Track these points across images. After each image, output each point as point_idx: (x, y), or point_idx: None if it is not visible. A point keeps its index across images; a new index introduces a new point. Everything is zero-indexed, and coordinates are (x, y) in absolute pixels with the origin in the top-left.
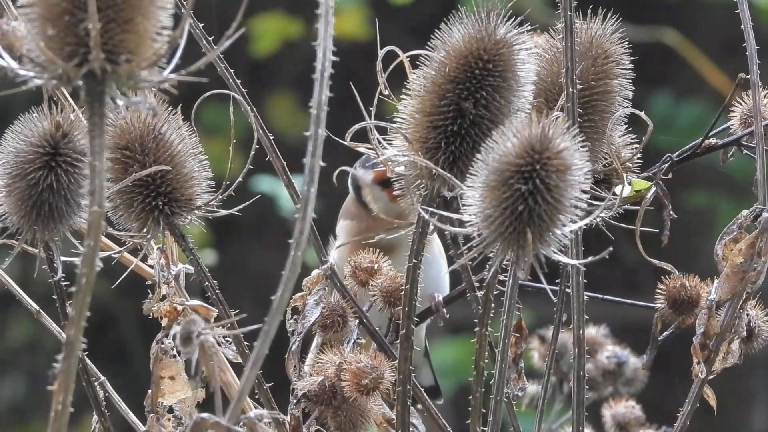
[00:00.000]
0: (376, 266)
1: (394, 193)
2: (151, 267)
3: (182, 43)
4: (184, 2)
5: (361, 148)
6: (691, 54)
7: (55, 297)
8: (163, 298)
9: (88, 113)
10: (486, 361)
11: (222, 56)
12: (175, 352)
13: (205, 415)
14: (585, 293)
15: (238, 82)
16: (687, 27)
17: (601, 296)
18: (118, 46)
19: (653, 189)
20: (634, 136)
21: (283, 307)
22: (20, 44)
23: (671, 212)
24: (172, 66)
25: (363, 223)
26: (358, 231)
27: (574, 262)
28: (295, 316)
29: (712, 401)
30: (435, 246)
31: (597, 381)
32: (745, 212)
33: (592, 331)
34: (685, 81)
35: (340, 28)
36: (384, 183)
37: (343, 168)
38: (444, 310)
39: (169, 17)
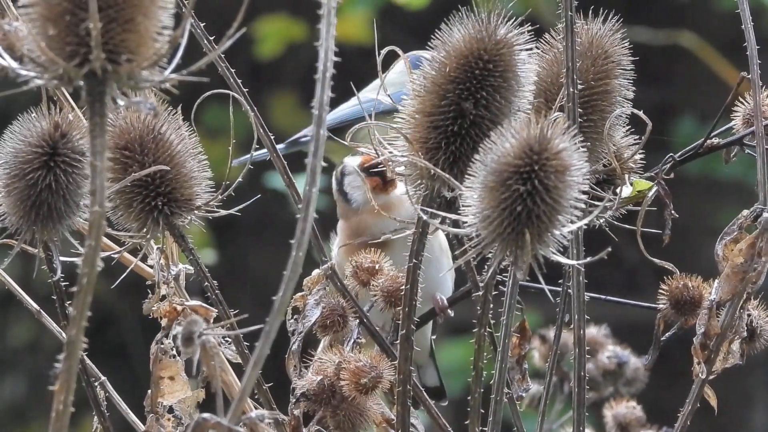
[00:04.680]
0: (377, 266)
1: (379, 182)
2: (151, 267)
3: (183, 42)
4: (185, 2)
5: (362, 148)
6: (708, 55)
7: (55, 297)
8: (163, 298)
9: (89, 113)
10: (485, 361)
11: (224, 57)
12: (174, 352)
13: (206, 415)
14: (587, 294)
15: (240, 82)
16: (696, 27)
17: (603, 297)
18: (119, 45)
19: (654, 189)
20: (636, 137)
21: (285, 308)
22: (21, 44)
23: (673, 212)
24: (173, 66)
25: (350, 220)
26: (348, 231)
27: (573, 262)
28: (295, 316)
29: (713, 401)
30: (436, 244)
31: (598, 381)
32: (745, 212)
33: (593, 331)
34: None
35: (344, 31)
36: (368, 170)
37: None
38: (449, 310)
39: (170, 17)
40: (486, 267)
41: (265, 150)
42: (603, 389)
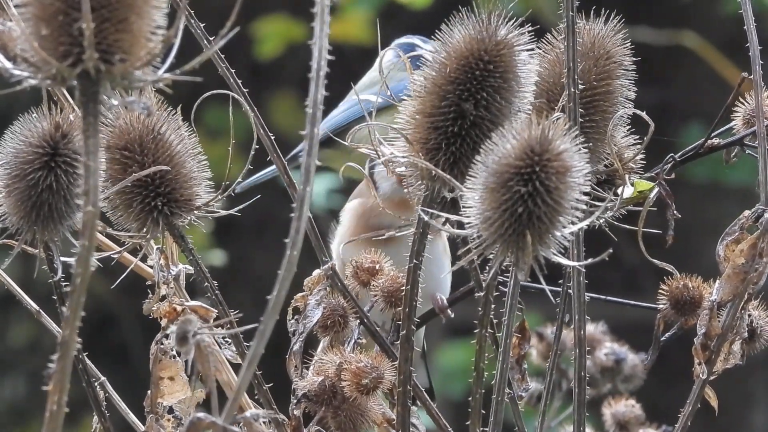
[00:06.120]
0: (377, 266)
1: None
2: (151, 267)
3: (177, 42)
4: (180, 1)
5: (362, 149)
6: (710, 55)
7: (55, 297)
8: (163, 298)
9: (82, 113)
10: (486, 362)
11: (224, 57)
12: (174, 352)
13: (201, 414)
14: (587, 294)
15: (240, 82)
16: (699, 27)
17: (603, 297)
18: (113, 45)
19: (656, 189)
20: (637, 137)
21: (279, 306)
22: (14, 44)
23: (675, 212)
24: (166, 65)
25: (369, 201)
26: (362, 210)
27: (574, 263)
28: (296, 317)
29: (714, 402)
30: (440, 245)
31: (595, 378)
32: (747, 213)
33: (590, 328)
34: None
35: (345, 31)
36: None
37: (350, 164)
38: (449, 310)
39: (163, 17)
40: (487, 268)
41: (269, 169)
42: (601, 386)
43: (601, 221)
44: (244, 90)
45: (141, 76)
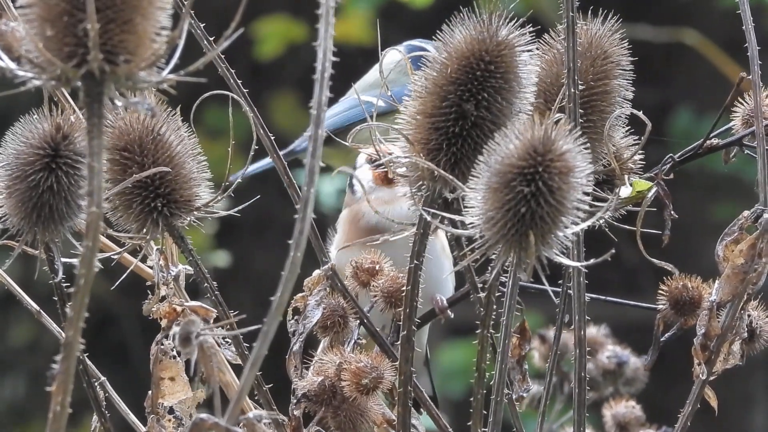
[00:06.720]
0: (377, 267)
1: (384, 175)
2: (151, 268)
3: (181, 43)
4: (184, 3)
5: (362, 149)
6: (711, 52)
7: (56, 298)
8: (163, 298)
9: (86, 114)
10: (487, 362)
11: (224, 58)
12: (174, 353)
13: (204, 415)
14: (588, 294)
15: (240, 82)
16: (699, 24)
17: (603, 297)
18: (117, 46)
19: (654, 189)
20: (636, 138)
21: (282, 308)
22: (19, 45)
23: (672, 212)
24: (170, 66)
25: (351, 208)
26: (351, 216)
27: (575, 263)
28: (296, 317)
29: (714, 402)
30: (438, 245)
31: (597, 381)
32: (746, 213)
33: (592, 331)
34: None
35: (345, 31)
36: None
37: (342, 168)
38: (449, 311)
39: (168, 18)
40: (489, 268)
41: (265, 160)
42: (603, 389)
43: (601, 221)
44: (244, 90)
45: (146, 77)
